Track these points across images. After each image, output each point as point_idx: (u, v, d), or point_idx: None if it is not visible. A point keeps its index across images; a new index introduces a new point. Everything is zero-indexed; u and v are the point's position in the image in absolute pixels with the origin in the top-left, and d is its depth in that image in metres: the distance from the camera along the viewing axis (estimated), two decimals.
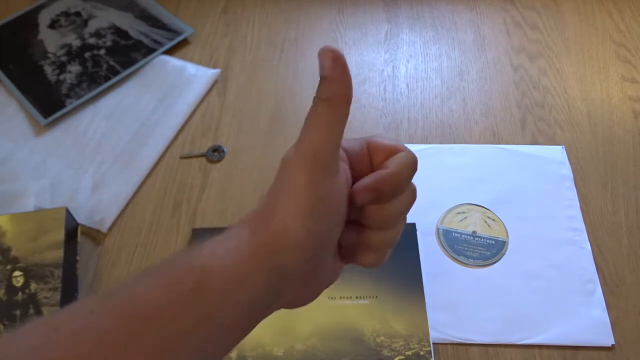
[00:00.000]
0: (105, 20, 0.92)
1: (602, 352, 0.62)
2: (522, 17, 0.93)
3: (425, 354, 0.61)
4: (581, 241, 0.69)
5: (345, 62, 0.31)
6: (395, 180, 0.34)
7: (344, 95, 0.32)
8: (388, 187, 0.34)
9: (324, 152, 0.31)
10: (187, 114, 0.82)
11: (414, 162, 0.35)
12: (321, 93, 0.32)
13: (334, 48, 0.31)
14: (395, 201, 0.35)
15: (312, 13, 0.94)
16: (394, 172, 0.34)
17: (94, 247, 0.71)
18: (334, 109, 0.32)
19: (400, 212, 0.35)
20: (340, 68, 0.31)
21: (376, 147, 0.36)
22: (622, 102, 0.82)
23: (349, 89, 0.32)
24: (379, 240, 0.35)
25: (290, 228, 0.31)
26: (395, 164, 0.34)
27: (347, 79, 0.32)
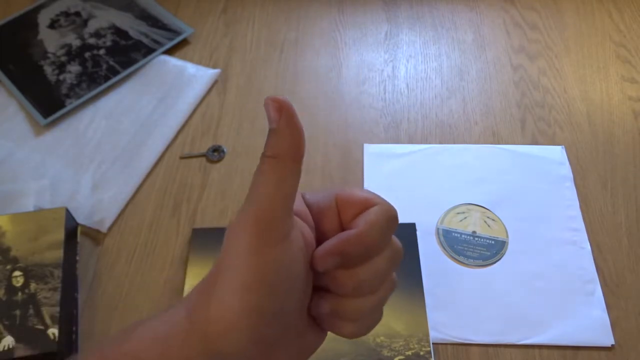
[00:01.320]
0: (105, 20, 0.92)
1: (602, 352, 0.62)
2: (522, 17, 0.93)
3: (425, 354, 0.61)
4: (581, 241, 0.69)
5: (292, 111, 0.28)
6: (364, 241, 0.29)
7: (293, 151, 0.28)
8: (355, 250, 0.29)
9: (268, 217, 0.27)
10: (187, 114, 0.82)
11: (390, 217, 0.30)
12: (267, 149, 0.28)
13: (279, 97, 0.28)
14: (369, 264, 0.30)
15: (312, 13, 0.94)
16: (361, 232, 0.29)
17: (94, 247, 0.71)
18: (281, 166, 0.28)
19: (377, 277, 0.30)
20: (286, 119, 0.27)
21: (345, 201, 0.31)
22: (622, 102, 0.82)
23: (298, 143, 0.28)
24: (356, 309, 0.31)
25: (228, 307, 0.27)
26: (365, 221, 0.30)
27: (295, 131, 0.28)
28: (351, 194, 0.31)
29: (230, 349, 0.27)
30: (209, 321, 0.27)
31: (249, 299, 0.27)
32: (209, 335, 0.27)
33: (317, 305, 0.31)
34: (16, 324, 0.60)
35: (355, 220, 0.30)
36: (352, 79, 0.86)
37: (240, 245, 0.27)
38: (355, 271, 0.30)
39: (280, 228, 0.28)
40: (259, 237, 0.27)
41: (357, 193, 0.31)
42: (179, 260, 0.69)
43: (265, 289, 0.27)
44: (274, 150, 0.28)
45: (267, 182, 0.28)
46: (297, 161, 0.28)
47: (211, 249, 0.68)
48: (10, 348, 0.58)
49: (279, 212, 0.28)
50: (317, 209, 0.32)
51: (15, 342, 0.59)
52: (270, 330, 0.28)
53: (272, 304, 0.28)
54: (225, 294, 0.27)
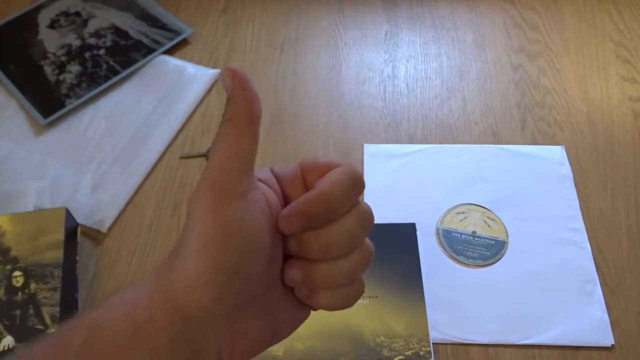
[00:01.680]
0: (105, 20, 0.92)
1: (602, 352, 0.62)
2: (522, 17, 0.93)
3: (425, 354, 0.61)
4: (581, 241, 0.69)
5: (245, 77, 0.29)
6: (327, 199, 0.29)
7: (247, 113, 0.29)
8: (318, 209, 0.29)
9: (222, 177, 0.28)
10: (187, 114, 0.82)
11: (353, 176, 0.31)
12: (224, 114, 0.29)
13: (233, 67, 0.29)
14: (336, 225, 0.30)
15: (312, 13, 0.94)
16: (323, 191, 0.30)
17: (94, 247, 0.71)
18: (236, 128, 0.29)
19: (346, 238, 0.30)
20: (239, 84, 0.29)
21: (309, 168, 0.32)
22: (622, 102, 0.82)
23: (251, 105, 0.29)
24: (328, 274, 0.30)
25: (191, 267, 0.27)
26: (326, 181, 0.30)
27: (247, 95, 0.29)
28: (314, 160, 0.32)
29: (193, 307, 0.27)
30: (173, 280, 0.28)
31: (208, 255, 0.27)
32: (173, 294, 0.27)
33: (288, 272, 0.31)
34: (16, 324, 0.60)
35: (317, 182, 0.31)
36: (352, 79, 0.86)
37: (198, 209, 0.28)
38: (321, 232, 0.30)
39: (236, 187, 0.29)
40: (215, 196, 0.28)
41: (320, 159, 0.32)
42: None
43: (222, 246, 0.27)
44: (229, 115, 0.29)
45: (223, 145, 0.29)
46: (252, 122, 0.29)
47: None
48: (10, 348, 0.58)
49: (234, 171, 0.29)
50: (284, 178, 0.33)
51: (15, 342, 0.59)
52: (231, 289, 0.28)
53: (231, 260, 0.28)
54: (186, 254, 0.28)
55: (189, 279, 0.27)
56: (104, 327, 0.27)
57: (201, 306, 0.27)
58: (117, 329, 0.27)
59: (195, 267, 0.27)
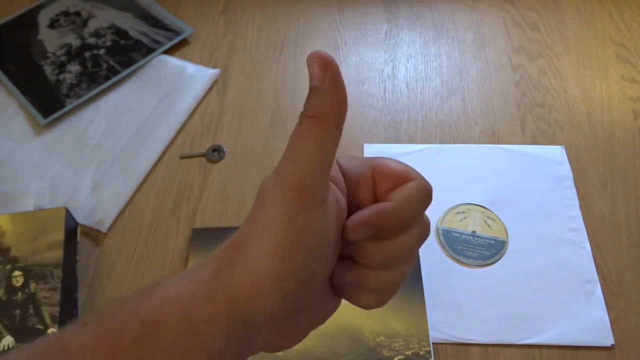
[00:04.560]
0: (104, 20, 0.92)
1: (601, 352, 0.61)
2: (522, 17, 0.93)
3: (425, 354, 0.61)
4: (581, 241, 0.69)
5: (337, 71, 0.26)
6: (400, 216, 0.29)
7: (336, 112, 0.27)
8: (389, 223, 0.28)
9: (307, 181, 0.26)
10: (187, 114, 0.82)
11: (427, 193, 0.30)
12: (308, 108, 0.27)
13: (324, 54, 0.26)
14: (400, 239, 0.29)
15: (312, 13, 0.94)
16: (398, 207, 0.28)
17: (93, 247, 0.71)
18: (322, 128, 0.26)
19: (405, 252, 0.30)
20: (332, 78, 0.26)
21: (382, 173, 0.30)
22: (621, 102, 0.82)
23: (341, 104, 0.27)
24: (379, 282, 0.30)
25: (260, 271, 0.26)
26: (402, 196, 0.29)
27: (339, 91, 0.26)
28: (389, 165, 0.30)
29: (256, 311, 0.27)
30: (238, 282, 0.26)
31: (282, 263, 0.26)
32: (236, 296, 0.26)
33: (341, 274, 0.30)
34: (16, 323, 0.60)
35: (392, 194, 0.29)
36: (352, 78, 0.86)
37: (275, 208, 0.26)
38: (384, 244, 0.29)
39: (317, 193, 0.27)
40: (296, 201, 0.26)
41: (395, 165, 0.30)
42: (179, 260, 0.69)
43: (299, 255, 0.26)
44: (315, 110, 0.26)
45: (306, 144, 0.26)
46: (339, 124, 0.27)
47: (211, 249, 0.68)
48: (10, 348, 0.58)
49: (317, 176, 0.27)
50: (352, 177, 0.31)
51: (15, 342, 0.59)
52: (298, 294, 0.27)
53: (304, 269, 0.27)
54: (257, 257, 0.26)
55: (257, 285, 0.26)
56: (158, 322, 0.26)
57: (267, 312, 0.27)
58: (172, 326, 0.26)
59: (265, 272, 0.26)
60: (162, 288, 0.27)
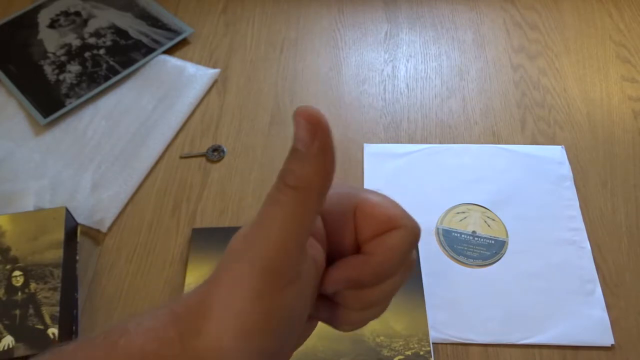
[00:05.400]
0: (104, 20, 0.92)
1: (601, 352, 0.62)
2: (522, 17, 0.93)
3: (424, 353, 0.61)
4: (581, 241, 0.69)
5: (328, 134, 0.22)
6: (380, 270, 0.26)
7: (320, 183, 0.23)
8: (369, 278, 0.26)
9: (280, 261, 0.23)
10: (187, 114, 0.82)
11: (412, 242, 0.27)
12: (288, 176, 0.23)
13: (314, 111, 0.22)
14: (381, 286, 0.27)
15: (312, 13, 0.94)
16: (379, 261, 0.26)
17: (93, 247, 0.71)
18: (303, 201, 0.23)
19: (387, 296, 0.28)
20: (321, 144, 0.22)
21: (366, 216, 0.27)
22: (622, 102, 0.82)
23: (328, 174, 0.23)
24: (359, 319, 0.29)
25: (225, 348, 0.24)
26: (384, 249, 0.26)
27: (328, 160, 0.23)
28: (372, 208, 0.27)
29: None
30: (203, 354, 0.24)
31: (249, 343, 0.24)
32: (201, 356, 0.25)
33: (318, 309, 0.29)
34: (16, 323, 0.60)
35: (374, 244, 0.26)
36: (352, 78, 0.86)
37: (242, 285, 0.24)
38: (365, 293, 0.27)
39: (290, 271, 0.24)
40: (266, 281, 0.24)
41: (380, 208, 0.27)
42: (179, 260, 0.69)
43: (268, 333, 0.24)
44: (296, 180, 0.23)
45: (282, 218, 0.23)
46: (322, 195, 0.24)
47: (211, 249, 0.68)
48: (10, 348, 0.58)
49: (292, 254, 0.24)
50: (332, 218, 0.27)
51: (15, 342, 0.59)
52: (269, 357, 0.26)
53: (274, 345, 0.25)
54: (222, 333, 0.24)
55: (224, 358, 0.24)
56: None
57: None
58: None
59: (230, 350, 0.24)
60: (126, 341, 0.25)
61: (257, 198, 0.73)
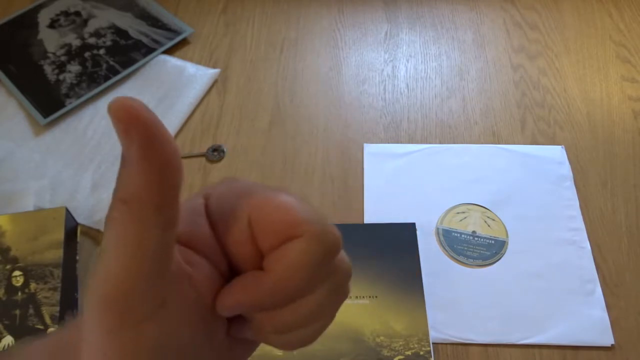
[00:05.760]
0: (104, 20, 0.92)
1: (601, 352, 0.62)
2: (522, 17, 0.93)
3: (424, 353, 0.61)
4: (581, 241, 0.69)
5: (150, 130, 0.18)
6: (283, 291, 0.21)
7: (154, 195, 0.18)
8: (269, 301, 0.22)
9: (124, 293, 0.19)
10: (187, 114, 0.82)
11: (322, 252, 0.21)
12: (117, 188, 0.19)
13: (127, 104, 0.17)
14: (297, 305, 0.22)
15: (312, 13, 0.94)
16: (278, 282, 0.21)
17: (93, 247, 0.71)
18: (136, 218, 0.19)
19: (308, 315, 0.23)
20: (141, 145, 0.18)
21: (261, 223, 0.22)
22: (622, 102, 0.82)
23: (163, 181, 0.18)
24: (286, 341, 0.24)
25: None
26: (283, 265, 0.21)
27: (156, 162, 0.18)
28: (268, 214, 0.21)
29: None
30: None
31: None
32: None
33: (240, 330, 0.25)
34: (16, 323, 0.60)
35: (272, 258, 0.22)
36: (352, 78, 0.86)
37: (93, 326, 0.20)
38: (276, 314, 0.23)
39: (142, 304, 0.20)
40: (111, 319, 0.20)
41: (276, 212, 0.21)
42: None
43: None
44: (125, 192, 0.19)
45: (117, 241, 0.19)
46: (163, 208, 0.19)
47: None
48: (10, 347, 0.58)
49: (139, 284, 0.19)
50: (224, 225, 0.23)
51: (15, 342, 0.59)
52: None
53: None
54: None
55: None
56: None
57: None
58: None
59: None
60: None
61: None
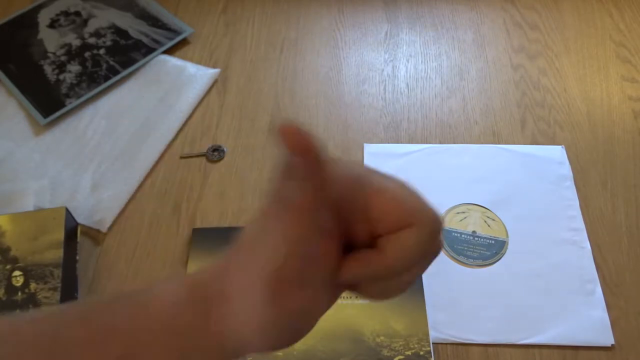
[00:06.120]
0: (105, 20, 0.92)
1: (602, 352, 0.61)
2: (522, 16, 0.93)
3: (425, 353, 0.61)
4: (581, 241, 0.69)
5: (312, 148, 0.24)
6: (394, 269, 0.27)
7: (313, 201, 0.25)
8: (384, 275, 0.27)
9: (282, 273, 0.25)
10: (187, 114, 0.82)
11: (431, 238, 0.27)
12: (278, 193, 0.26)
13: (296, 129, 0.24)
14: (397, 279, 0.28)
15: (312, 13, 0.94)
16: (394, 262, 0.27)
17: (93, 247, 0.71)
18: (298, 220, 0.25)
19: (404, 284, 0.28)
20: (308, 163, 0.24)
21: (380, 210, 0.27)
22: (622, 102, 0.82)
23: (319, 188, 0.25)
24: (382, 289, 0.29)
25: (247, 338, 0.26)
26: (399, 248, 0.26)
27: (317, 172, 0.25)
28: (387, 202, 0.27)
29: (247, 348, 0.27)
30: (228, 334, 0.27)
31: (266, 336, 0.26)
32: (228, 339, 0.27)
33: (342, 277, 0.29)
34: None
35: (389, 242, 0.26)
36: (352, 78, 0.86)
37: (255, 285, 0.25)
38: (380, 283, 0.28)
39: (299, 278, 0.26)
40: (273, 291, 0.25)
41: (395, 202, 0.27)
42: (179, 260, 0.69)
43: (281, 330, 0.26)
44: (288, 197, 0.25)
45: (280, 235, 0.25)
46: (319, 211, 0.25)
47: (211, 249, 0.68)
48: None
49: (294, 268, 0.25)
50: (346, 201, 0.27)
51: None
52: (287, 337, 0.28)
53: (290, 336, 0.27)
54: (243, 325, 0.26)
55: (245, 346, 0.27)
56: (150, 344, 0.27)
57: (255, 348, 0.28)
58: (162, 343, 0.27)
59: (253, 340, 0.27)
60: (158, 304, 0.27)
61: (257, 198, 0.73)
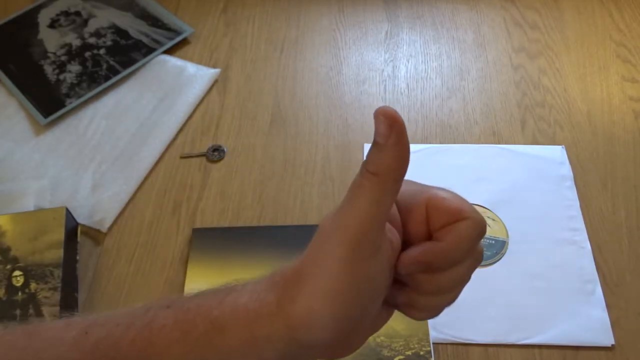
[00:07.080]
0: (105, 20, 0.92)
1: (602, 352, 0.61)
2: (522, 16, 0.93)
3: (425, 353, 0.61)
4: (581, 241, 0.69)
5: (403, 130, 0.28)
6: (450, 255, 0.30)
7: (396, 170, 0.28)
8: (439, 262, 0.30)
9: (365, 233, 0.28)
10: (187, 114, 0.82)
11: (479, 233, 0.31)
12: (369, 163, 0.28)
13: (392, 111, 0.27)
14: (451, 271, 0.31)
15: (312, 12, 0.94)
16: (449, 247, 0.30)
17: (94, 247, 0.71)
18: (381, 185, 0.28)
19: (456, 281, 0.32)
20: (396, 136, 0.27)
21: (436, 208, 0.31)
22: (622, 102, 0.82)
23: (403, 162, 0.28)
24: (429, 304, 0.33)
25: (316, 311, 0.29)
26: (453, 236, 0.30)
27: (402, 150, 0.28)
28: (443, 200, 0.31)
29: (311, 340, 0.29)
30: (296, 316, 0.29)
31: (337, 305, 0.28)
32: (294, 326, 0.29)
33: (394, 295, 0.32)
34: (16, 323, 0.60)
35: (444, 232, 0.30)
36: (352, 78, 0.86)
37: (333, 254, 0.28)
38: (435, 276, 0.31)
39: (373, 244, 0.29)
40: (353, 250, 0.28)
41: (449, 201, 0.31)
42: (179, 260, 0.69)
43: (352, 299, 0.29)
44: (376, 167, 0.28)
45: (365, 198, 0.28)
46: (398, 180, 0.29)
47: (211, 249, 0.68)
48: None
49: (374, 229, 0.28)
50: (405, 209, 0.32)
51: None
52: (351, 327, 0.30)
53: (357, 311, 0.29)
54: (313, 298, 0.29)
55: (312, 321, 0.29)
56: (225, 327, 0.29)
57: (318, 340, 0.29)
58: (237, 334, 0.29)
59: (319, 312, 0.28)
60: (232, 298, 0.30)
61: (257, 198, 0.73)
